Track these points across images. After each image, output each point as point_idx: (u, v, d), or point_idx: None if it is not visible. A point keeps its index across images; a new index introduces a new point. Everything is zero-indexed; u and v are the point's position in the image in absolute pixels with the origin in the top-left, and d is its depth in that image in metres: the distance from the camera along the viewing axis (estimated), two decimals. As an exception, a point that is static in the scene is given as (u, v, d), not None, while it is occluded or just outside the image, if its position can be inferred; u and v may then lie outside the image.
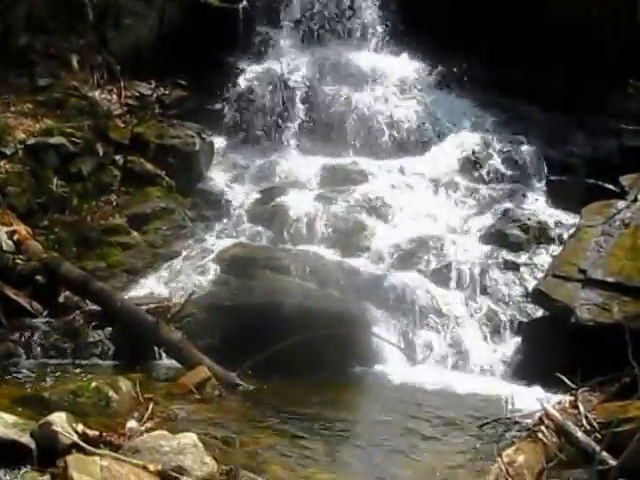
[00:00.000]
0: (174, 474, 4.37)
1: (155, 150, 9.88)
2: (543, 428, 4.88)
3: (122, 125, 10.26)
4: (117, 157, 9.78)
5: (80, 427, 4.84)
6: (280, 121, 10.84)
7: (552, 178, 10.04)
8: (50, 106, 10.11)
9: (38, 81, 10.35)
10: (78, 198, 9.31)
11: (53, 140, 9.49)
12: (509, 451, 4.45)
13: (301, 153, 10.52)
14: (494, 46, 10.73)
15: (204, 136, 10.24)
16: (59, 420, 4.79)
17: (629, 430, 4.49)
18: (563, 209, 9.39)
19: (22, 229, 8.51)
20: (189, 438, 4.71)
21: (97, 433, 4.85)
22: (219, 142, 10.59)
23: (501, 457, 4.19)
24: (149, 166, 9.74)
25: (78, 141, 9.59)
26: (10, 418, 4.93)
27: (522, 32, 10.70)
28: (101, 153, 9.72)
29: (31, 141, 9.43)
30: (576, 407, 5.31)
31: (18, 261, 8.11)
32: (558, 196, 9.67)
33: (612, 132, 10.19)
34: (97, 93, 10.61)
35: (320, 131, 10.75)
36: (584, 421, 5.11)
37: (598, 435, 4.89)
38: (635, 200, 7.99)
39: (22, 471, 4.50)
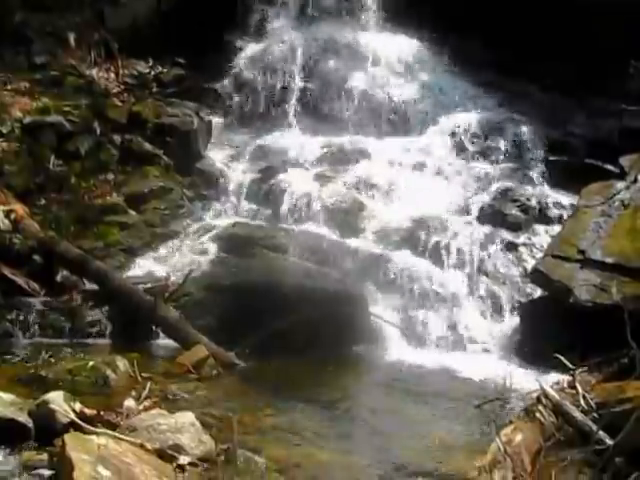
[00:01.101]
0: (171, 452, 4.37)
1: (153, 129, 9.84)
2: (541, 408, 4.88)
3: (120, 104, 10.21)
4: (115, 136, 9.71)
5: (78, 406, 4.84)
6: (278, 100, 10.81)
7: (551, 158, 10.01)
8: (47, 84, 10.06)
9: (35, 59, 10.30)
10: (75, 177, 9.26)
11: (50, 119, 9.42)
12: (507, 430, 4.45)
13: (299, 132, 10.48)
14: (494, 26, 10.65)
15: (202, 115, 10.21)
16: (57, 399, 4.79)
17: (626, 410, 4.49)
18: (562, 190, 9.37)
19: (19, 208, 8.46)
20: (187, 417, 4.71)
21: (95, 412, 4.85)
22: (217, 121, 10.56)
23: (499, 436, 4.19)
24: (147, 145, 9.69)
25: (75, 120, 9.53)
26: (7, 397, 4.93)
27: (522, 12, 10.62)
28: (98, 132, 9.65)
29: (28, 119, 9.36)
30: (574, 387, 5.31)
31: (15, 240, 8.05)
32: (557, 176, 9.64)
33: (612, 113, 10.13)
34: (94, 71, 10.56)
35: (319, 110, 10.72)
36: (582, 401, 5.11)
37: (596, 415, 4.88)
38: (635, 181, 7.96)
39: (20, 450, 4.49)
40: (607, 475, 3.80)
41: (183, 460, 4.35)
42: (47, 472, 4.24)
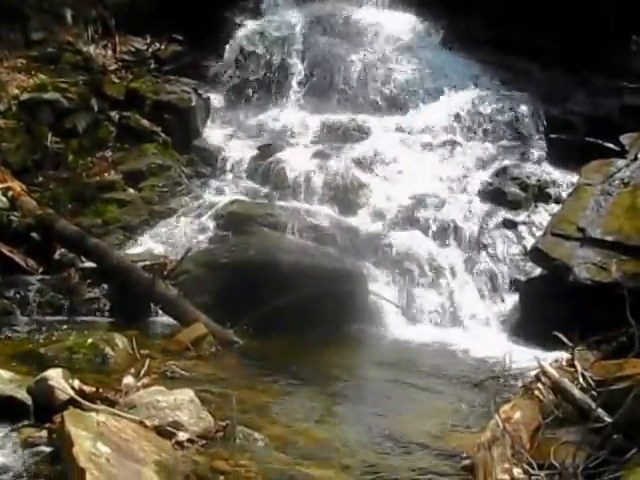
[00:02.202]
0: (170, 429, 4.37)
1: (151, 106, 9.82)
2: (540, 385, 4.87)
3: (117, 81, 10.18)
4: (112, 113, 9.71)
5: (76, 383, 4.84)
6: (277, 77, 10.74)
7: (552, 136, 9.96)
8: (44, 61, 10.02)
9: (31, 36, 10.23)
10: (73, 154, 9.24)
11: (47, 96, 9.40)
12: (506, 407, 4.44)
13: (299, 109, 10.44)
14: (494, 4, 10.58)
15: (200, 92, 10.19)
16: (55, 376, 4.79)
17: (625, 388, 4.48)
18: (562, 167, 9.33)
19: (16, 185, 8.44)
20: (186, 394, 4.71)
21: (93, 389, 4.85)
22: (215, 98, 10.52)
23: (498, 413, 4.19)
24: (145, 122, 9.68)
25: (73, 97, 9.51)
26: (6, 374, 4.93)
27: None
28: (96, 109, 9.63)
29: (25, 97, 9.34)
30: (573, 365, 5.30)
31: (13, 218, 8.05)
32: (557, 154, 9.60)
33: (613, 90, 10.07)
34: (91, 48, 10.52)
35: (318, 87, 10.66)
36: (580, 379, 5.11)
37: (594, 393, 4.88)
38: (635, 159, 7.93)
39: (19, 427, 4.49)
40: (605, 451, 3.80)
41: (182, 437, 4.36)
42: (46, 449, 4.24)
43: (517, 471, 3.67)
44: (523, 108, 10.24)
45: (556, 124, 10.06)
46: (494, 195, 9.04)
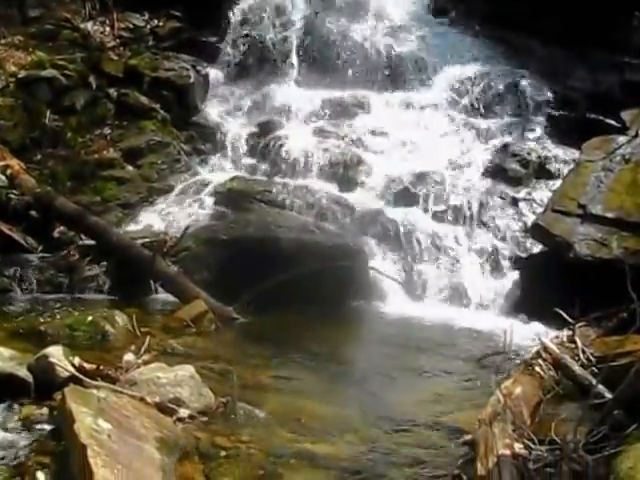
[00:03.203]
0: (171, 406, 4.37)
1: (149, 83, 9.76)
2: (541, 362, 4.88)
3: (115, 58, 10.10)
4: (111, 90, 9.65)
5: (77, 360, 4.82)
6: (277, 53, 10.67)
7: (552, 113, 9.92)
8: (41, 38, 9.95)
9: (29, 13, 10.15)
10: (72, 132, 9.20)
11: (45, 73, 9.34)
12: (507, 383, 4.45)
13: (298, 86, 10.38)
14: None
15: (199, 68, 10.12)
16: (56, 353, 4.77)
17: (625, 364, 4.48)
18: (563, 144, 9.29)
19: (15, 164, 8.41)
20: (186, 370, 4.71)
21: (94, 366, 4.83)
22: (214, 75, 10.45)
23: (499, 389, 4.19)
24: (143, 99, 9.62)
25: (71, 74, 9.45)
26: (6, 352, 4.91)
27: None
28: (94, 86, 9.58)
29: (23, 74, 9.28)
30: (573, 341, 5.32)
31: (12, 196, 8.02)
32: (558, 131, 9.57)
33: (615, 66, 10.02)
34: (89, 25, 10.41)
35: (318, 64, 10.59)
36: (581, 355, 5.12)
37: (595, 369, 4.89)
38: (636, 135, 7.86)
39: (20, 404, 4.48)
40: (606, 427, 3.80)
41: (183, 413, 4.36)
42: (47, 426, 4.24)
43: (518, 446, 3.68)
44: (524, 84, 10.18)
45: (557, 100, 10.02)
46: (495, 172, 9.01)
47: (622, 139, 7.88)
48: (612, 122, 8.94)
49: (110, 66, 9.86)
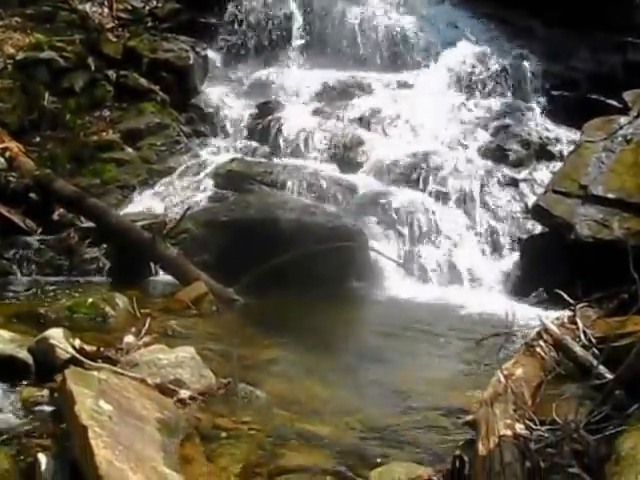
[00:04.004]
0: (172, 387, 4.37)
1: (148, 65, 9.73)
2: (541, 343, 4.86)
3: (114, 39, 10.05)
4: (110, 72, 9.62)
5: (77, 342, 4.81)
6: (276, 34, 10.62)
7: (553, 93, 9.89)
8: (39, 20, 9.90)
9: (26, -6, 10.07)
10: (70, 114, 9.17)
11: (43, 55, 9.30)
12: (508, 364, 4.44)
13: (298, 67, 10.35)
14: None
15: (198, 50, 10.09)
16: (56, 335, 4.76)
17: (627, 345, 4.47)
18: (564, 125, 9.28)
19: (14, 146, 8.38)
20: (187, 352, 4.70)
21: (94, 348, 4.83)
22: (214, 56, 10.42)
23: (500, 370, 4.18)
24: (142, 81, 9.59)
25: (69, 56, 9.42)
26: (7, 334, 4.90)
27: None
28: (93, 68, 9.54)
29: (20, 56, 9.24)
30: (574, 323, 5.29)
31: (11, 178, 7.99)
32: (559, 112, 9.54)
33: (616, 46, 9.98)
34: (87, 6, 10.37)
35: (317, 45, 10.57)
36: (582, 336, 5.10)
37: (596, 350, 4.88)
38: (638, 116, 7.86)
39: (20, 386, 4.48)
40: (608, 407, 3.80)
41: (184, 394, 4.35)
42: (48, 408, 4.24)
43: (519, 427, 3.67)
44: (525, 65, 10.15)
45: (558, 81, 9.99)
46: (495, 153, 8.98)
47: (624, 120, 7.85)
48: (614, 103, 8.89)
49: (109, 48, 9.81)
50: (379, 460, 3.93)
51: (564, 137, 9.06)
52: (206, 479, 3.61)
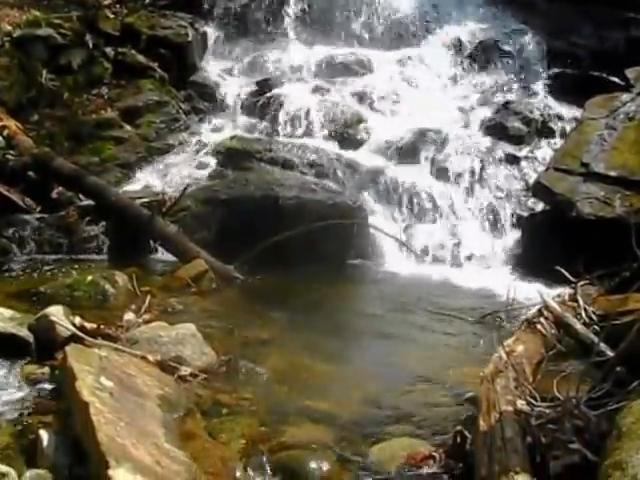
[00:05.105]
0: (173, 364, 4.36)
1: (147, 41, 9.67)
2: (542, 320, 4.85)
3: (112, 16, 9.98)
4: (107, 49, 9.55)
5: (77, 320, 4.80)
6: (277, 11, 10.53)
7: (555, 70, 9.82)
8: (36, -4, 9.79)
9: (22, -30, 9.97)
10: (69, 92, 9.11)
11: (41, 32, 9.23)
12: (509, 341, 4.44)
13: (298, 44, 10.27)
14: None
15: (197, 26, 10.03)
16: (56, 313, 4.75)
17: (627, 322, 4.46)
18: (566, 102, 9.20)
19: (12, 124, 8.35)
20: (188, 329, 4.70)
21: (95, 325, 4.82)
22: (213, 33, 10.33)
23: (501, 346, 4.18)
24: (141, 58, 9.53)
25: (67, 33, 9.35)
26: (7, 312, 4.90)
27: None
28: (91, 45, 9.47)
29: (18, 33, 9.17)
30: (575, 300, 5.29)
31: (9, 157, 7.96)
32: (561, 89, 9.47)
33: (619, 22, 9.89)
34: (84, -18, 10.24)
35: (317, 21, 10.48)
36: (583, 314, 5.09)
37: (597, 327, 4.87)
38: (640, 93, 7.81)
39: (21, 364, 4.48)
40: (609, 384, 3.79)
41: (184, 371, 4.35)
42: (49, 386, 4.24)
43: (520, 403, 3.67)
44: (527, 41, 10.07)
45: (560, 58, 9.91)
46: (496, 130, 8.92)
47: (626, 97, 7.80)
48: (616, 80, 8.84)
49: (106, 24, 9.74)
50: (380, 436, 3.94)
51: (566, 114, 8.99)
52: (207, 455, 3.61)
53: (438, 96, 9.51)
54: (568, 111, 9.01)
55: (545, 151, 8.57)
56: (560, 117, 8.99)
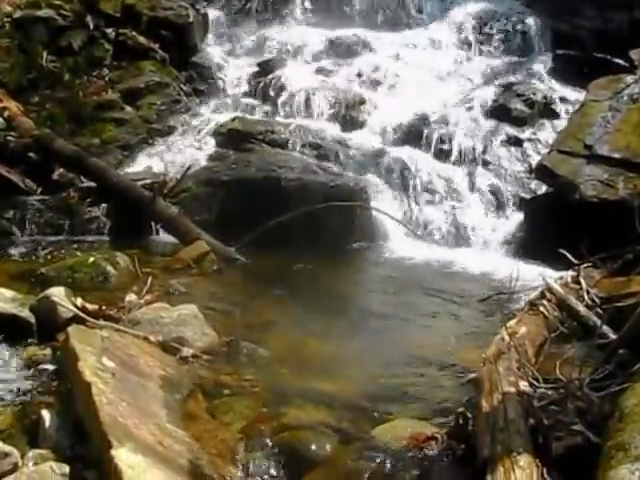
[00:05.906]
0: (175, 345, 4.36)
1: (147, 22, 9.61)
2: (545, 302, 4.84)
3: (112, -4, 9.89)
4: (108, 30, 9.48)
5: (79, 301, 4.79)
6: (277, -9, 10.50)
7: (559, 52, 9.76)
8: (36, -23, 9.70)
9: (21, -49, 9.89)
10: (69, 73, 9.07)
11: (41, 13, 9.16)
12: (511, 322, 4.43)
13: (300, 25, 10.22)
14: None
15: (198, 7, 9.97)
16: (58, 294, 4.75)
17: (630, 305, 4.45)
18: (569, 84, 9.17)
19: (13, 105, 8.32)
20: (189, 310, 4.69)
21: (96, 307, 4.80)
22: (214, 14, 10.27)
23: (505, 328, 4.17)
24: (142, 39, 9.47)
25: (67, 14, 9.27)
26: (9, 293, 4.89)
27: None
28: (91, 26, 9.40)
29: (18, 14, 9.11)
30: (578, 282, 5.27)
31: (10, 138, 7.94)
32: (565, 70, 9.42)
33: (623, 4, 9.82)
34: (85, -38, 10.15)
35: (320, 2, 10.45)
36: (586, 296, 5.07)
37: (599, 310, 4.86)
38: (644, 75, 7.77)
39: (23, 345, 4.47)
40: (611, 366, 3.79)
41: (186, 352, 4.35)
42: (50, 367, 4.23)
43: (523, 384, 3.67)
44: (530, 23, 10.03)
45: (564, 39, 9.86)
46: (499, 112, 8.89)
47: (630, 79, 7.77)
48: (620, 61, 8.78)
49: (107, 5, 9.66)
50: (382, 417, 3.94)
51: (569, 96, 8.95)
52: (209, 435, 3.61)
53: (441, 78, 9.47)
54: (571, 93, 8.98)
55: (548, 133, 8.54)
56: (563, 99, 8.96)
